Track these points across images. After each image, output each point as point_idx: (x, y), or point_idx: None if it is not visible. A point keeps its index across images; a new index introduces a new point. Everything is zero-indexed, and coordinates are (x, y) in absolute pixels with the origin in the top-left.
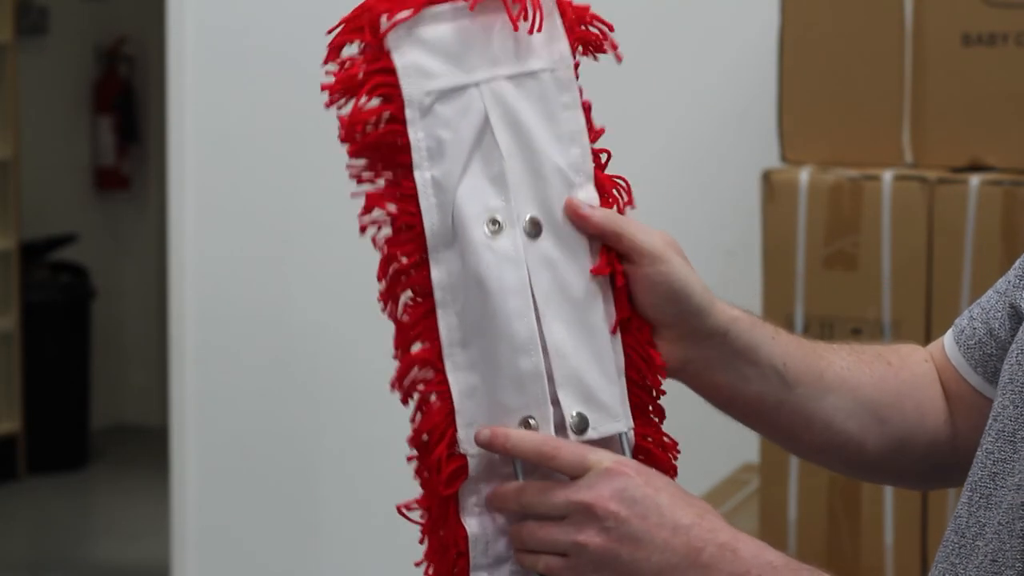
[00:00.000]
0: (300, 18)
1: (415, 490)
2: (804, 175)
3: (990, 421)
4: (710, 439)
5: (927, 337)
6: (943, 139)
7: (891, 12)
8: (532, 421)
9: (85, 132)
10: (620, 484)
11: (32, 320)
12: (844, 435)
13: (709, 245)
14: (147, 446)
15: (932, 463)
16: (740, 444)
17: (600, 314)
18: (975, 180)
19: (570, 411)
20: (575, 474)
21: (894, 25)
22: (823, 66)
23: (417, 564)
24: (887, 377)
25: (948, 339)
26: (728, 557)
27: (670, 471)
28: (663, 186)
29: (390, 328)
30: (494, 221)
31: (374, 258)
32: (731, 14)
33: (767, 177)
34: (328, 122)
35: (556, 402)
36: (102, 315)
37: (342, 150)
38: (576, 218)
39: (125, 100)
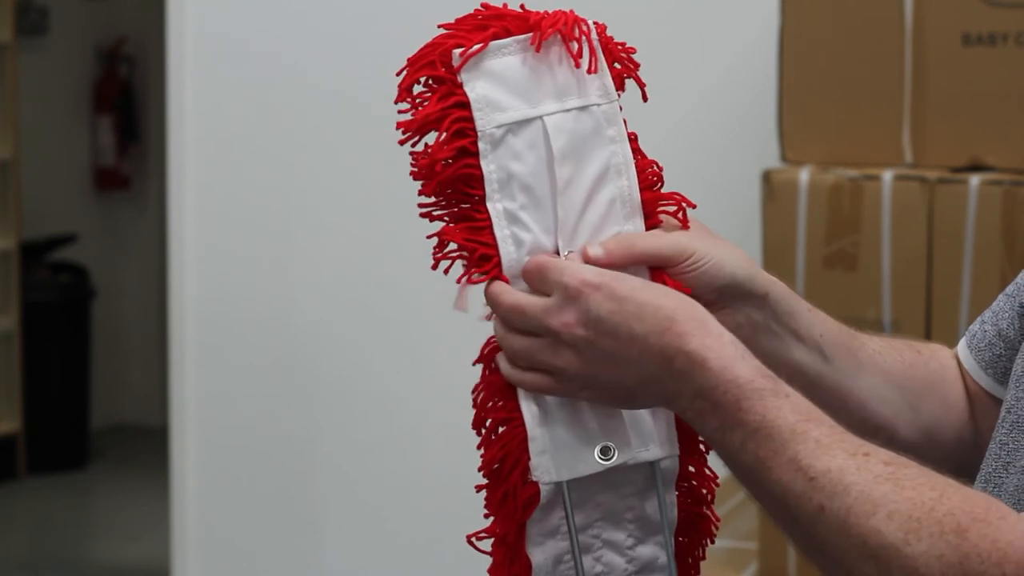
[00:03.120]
0: (300, 18)
1: (414, 490)
2: (804, 175)
3: (1003, 413)
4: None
5: (927, 337)
6: (943, 139)
7: (891, 12)
8: (611, 447)
9: (85, 132)
10: (583, 306)
11: (32, 320)
12: (878, 418)
13: None
14: (147, 446)
15: (958, 462)
16: None
17: None
18: (975, 180)
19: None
20: (544, 293)
21: (894, 25)
22: (823, 66)
23: None
24: (916, 364)
25: (961, 344)
26: (697, 369)
27: (703, 502)
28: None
29: (390, 328)
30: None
31: (373, 258)
32: (731, 14)
33: (767, 177)
34: (328, 123)
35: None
36: (102, 315)
37: (342, 151)
38: (598, 264)
39: (125, 100)
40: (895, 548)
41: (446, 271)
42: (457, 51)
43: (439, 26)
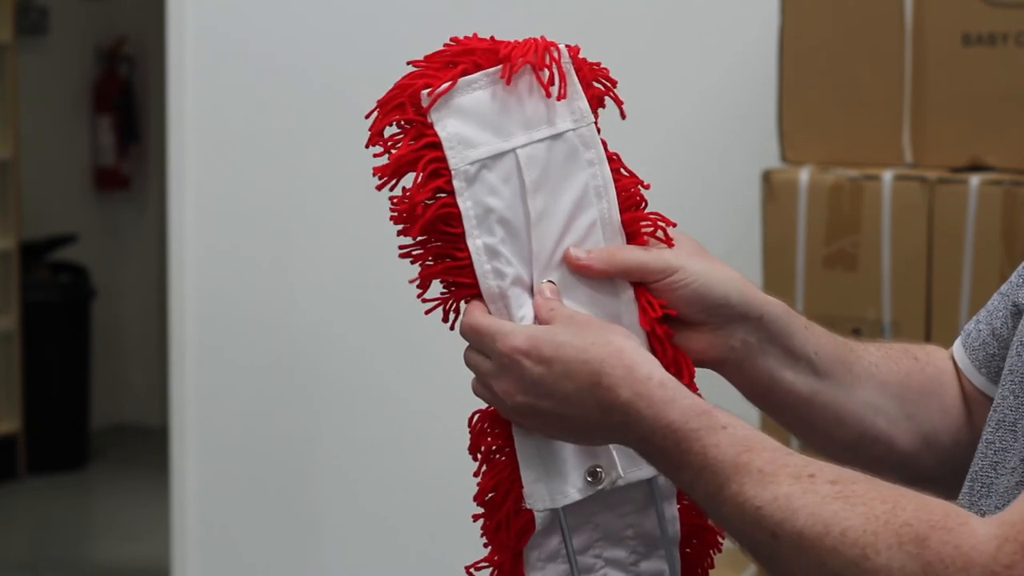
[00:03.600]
0: (299, 18)
1: (414, 490)
2: (804, 175)
3: (990, 412)
4: None
5: (927, 337)
6: (943, 139)
7: (891, 12)
8: (599, 470)
9: (85, 132)
10: (517, 374)
11: (32, 320)
12: (875, 430)
13: (709, 245)
14: (147, 446)
15: (957, 464)
16: None
17: None
18: (975, 180)
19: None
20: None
21: (894, 25)
22: (823, 66)
23: None
24: (913, 372)
25: (957, 343)
26: (633, 419)
27: (706, 514)
28: (663, 186)
29: (390, 328)
30: (529, 285)
31: (373, 258)
32: (731, 14)
33: (767, 177)
34: (328, 123)
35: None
36: (102, 315)
37: (342, 151)
38: (578, 269)
39: (125, 100)
40: (855, 565)
41: (428, 312)
42: (425, 92)
43: (408, 63)
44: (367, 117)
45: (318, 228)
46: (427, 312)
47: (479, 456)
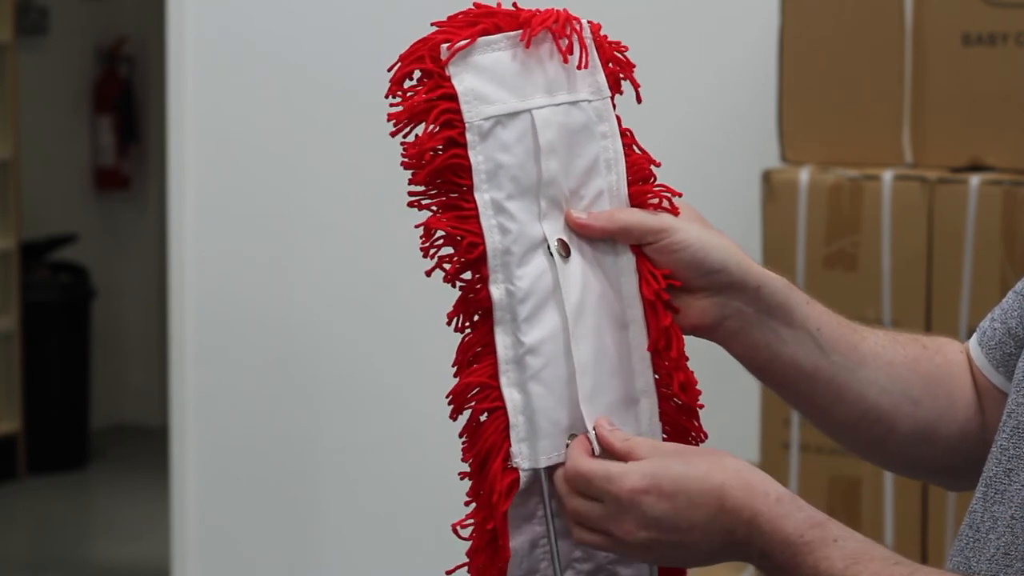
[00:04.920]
0: (300, 18)
1: (414, 490)
2: (804, 175)
3: (1004, 417)
4: (710, 439)
5: None
6: (943, 139)
7: (891, 12)
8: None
9: (85, 132)
10: (638, 512)
11: (32, 320)
12: (876, 411)
13: None
14: (147, 446)
15: (963, 457)
16: (740, 444)
17: (630, 332)
18: (975, 180)
19: (590, 428)
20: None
21: (894, 25)
22: (823, 66)
23: (452, 570)
24: (921, 359)
25: (972, 340)
26: (755, 535)
27: None
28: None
29: (390, 328)
30: (535, 244)
31: (373, 258)
32: (731, 14)
33: (767, 177)
34: (328, 122)
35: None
36: (102, 315)
37: (342, 151)
38: (579, 228)
39: (125, 100)
40: None
41: (439, 260)
42: (444, 45)
43: (432, 24)
44: (389, 70)
45: (318, 228)
46: (427, 272)
47: (462, 416)
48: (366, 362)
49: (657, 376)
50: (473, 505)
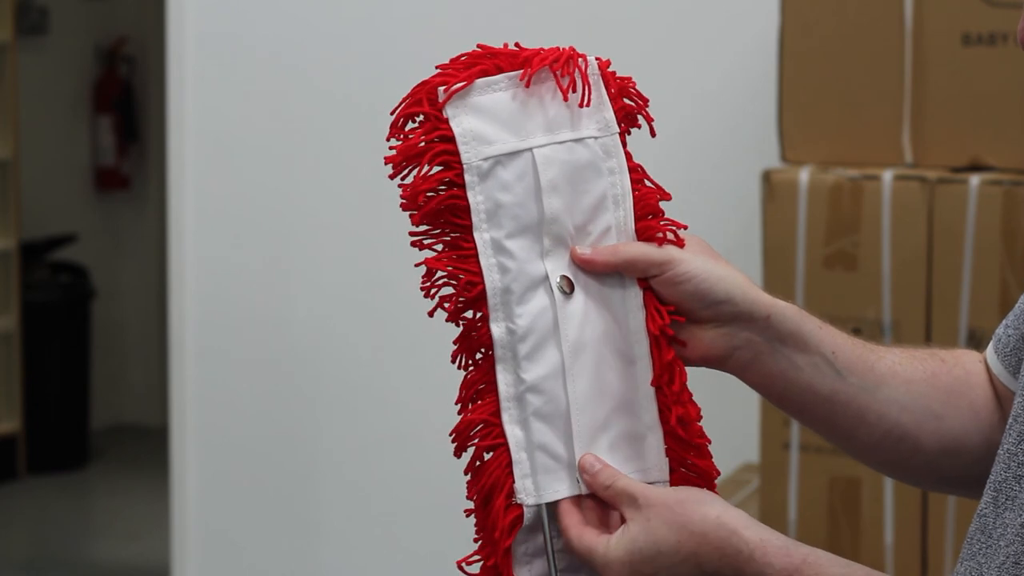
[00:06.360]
0: (300, 18)
1: (414, 490)
2: (804, 175)
3: (1010, 421)
4: (710, 440)
5: (927, 337)
6: (943, 139)
7: (891, 12)
8: (577, 476)
9: (85, 132)
10: None
11: (32, 320)
12: (899, 429)
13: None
14: (147, 446)
15: (985, 469)
16: (740, 444)
17: (638, 367)
18: (975, 180)
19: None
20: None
21: (894, 25)
22: (823, 66)
23: None
24: (939, 373)
25: (989, 349)
26: None
27: None
28: (663, 186)
29: (390, 328)
30: (536, 282)
31: (373, 259)
32: (731, 15)
33: (767, 177)
34: (328, 123)
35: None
36: (102, 315)
37: (342, 151)
38: (583, 264)
39: (125, 100)
40: None
41: (432, 307)
42: (441, 88)
43: (436, 67)
44: (392, 114)
45: (318, 228)
46: (430, 313)
47: (467, 453)
48: (366, 362)
49: (661, 412)
50: (480, 542)
